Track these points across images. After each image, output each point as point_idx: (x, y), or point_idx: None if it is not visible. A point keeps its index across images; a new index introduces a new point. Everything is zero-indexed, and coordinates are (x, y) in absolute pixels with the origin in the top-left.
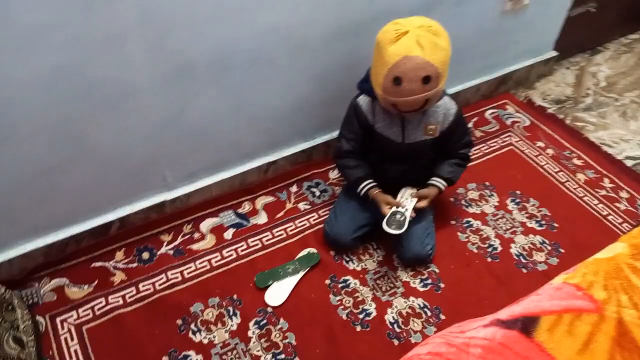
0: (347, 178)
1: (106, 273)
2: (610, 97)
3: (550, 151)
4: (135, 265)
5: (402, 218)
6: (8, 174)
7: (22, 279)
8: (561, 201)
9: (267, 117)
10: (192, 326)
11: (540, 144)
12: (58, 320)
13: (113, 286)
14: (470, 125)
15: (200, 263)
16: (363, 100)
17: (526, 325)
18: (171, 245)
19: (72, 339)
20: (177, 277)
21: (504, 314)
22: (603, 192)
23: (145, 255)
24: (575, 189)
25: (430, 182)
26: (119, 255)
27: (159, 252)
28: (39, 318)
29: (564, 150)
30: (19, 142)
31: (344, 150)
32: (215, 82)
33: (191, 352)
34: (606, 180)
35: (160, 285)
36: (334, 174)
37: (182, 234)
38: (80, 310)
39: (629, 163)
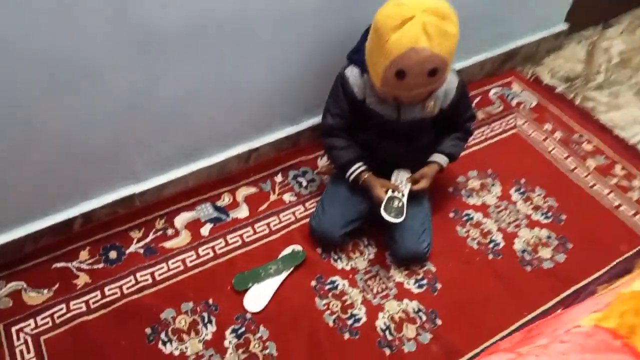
0: (335, 161)
1: (68, 275)
2: (624, 74)
3: (558, 135)
4: (101, 265)
5: (401, 204)
6: None
7: None
8: (569, 190)
9: (248, 98)
10: (162, 335)
11: (547, 126)
12: (14, 329)
13: (76, 290)
14: (472, 105)
15: (173, 263)
16: (351, 72)
17: None
18: (141, 243)
19: (28, 351)
20: (147, 280)
21: None
22: (614, 181)
23: (113, 254)
24: (584, 176)
25: (430, 159)
26: (83, 254)
27: (127, 251)
28: None
29: (573, 133)
30: None
31: (329, 125)
32: (188, 58)
33: None
34: (618, 167)
35: (128, 288)
36: (322, 162)
37: (153, 230)
38: (38, 318)
39: None
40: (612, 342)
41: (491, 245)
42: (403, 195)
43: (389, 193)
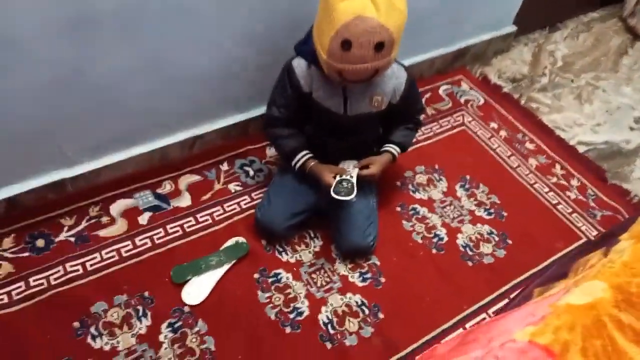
0: (280, 150)
1: None
2: (566, 77)
3: (503, 133)
4: (26, 254)
5: (350, 185)
6: None
7: None
8: (511, 188)
9: (191, 81)
10: (92, 329)
11: (493, 125)
12: None
13: None
14: (422, 100)
15: (107, 253)
16: (298, 64)
17: None
18: (73, 231)
19: None
20: (77, 270)
21: None
22: (554, 180)
23: (40, 242)
24: (526, 175)
25: (382, 148)
26: (7, 242)
27: (57, 239)
28: None
29: (517, 132)
30: None
31: (274, 117)
32: (124, 35)
33: None
34: (558, 166)
35: (56, 279)
36: (271, 152)
37: (87, 218)
38: None
39: (581, 149)
40: None
41: (435, 240)
42: (352, 176)
43: (338, 177)
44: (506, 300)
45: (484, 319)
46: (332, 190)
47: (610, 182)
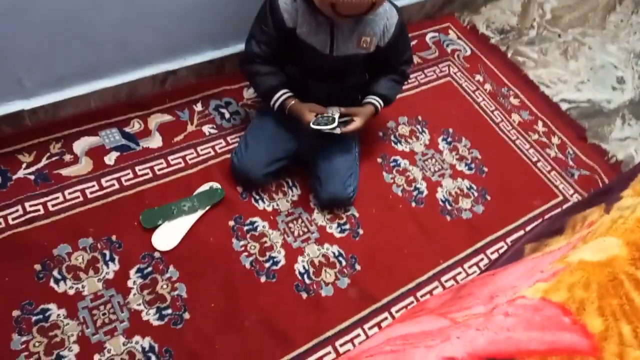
0: (258, 87)
1: None
2: (554, 31)
3: (488, 87)
4: None
5: (332, 119)
6: None
7: None
8: (493, 143)
9: (164, 11)
10: (55, 273)
11: (479, 77)
12: None
13: None
14: None
15: (70, 193)
16: None
17: None
18: (32, 169)
19: None
20: (38, 210)
21: (459, 343)
22: (535, 137)
23: None
24: (508, 130)
25: (365, 100)
26: None
27: (14, 177)
28: None
29: (502, 86)
30: None
31: (253, 53)
32: None
33: (51, 306)
34: (540, 123)
35: (14, 219)
36: (249, 93)
37: (47, 155)
38: None
39: (564, 106)
40: (561, 319)
41: (415, 193)
42: (333, 115)
43: (319, 117)
44: (481, 256)
45: (460, 273)
46: (311, 122)
47: (589, 141)
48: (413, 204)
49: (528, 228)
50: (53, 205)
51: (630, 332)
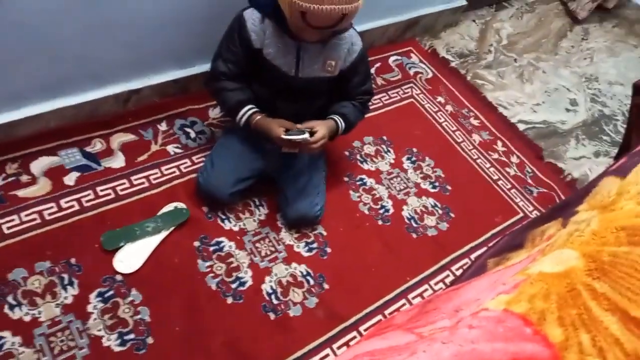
0: (224, 103)
1: None
2: (510, 56)
3: (449, 108)
4: None
5: (300, 131)
6: None
7: None
8: (456, 162)
9: (130, 27)
10: (10, 298)
11: (440, 99)
12: None
13: None
14: (372, 71)
15: (27, 215)
16: (250, 15)
17: None
18: None
19: None
20: None
21: (426, 357)
22: (495, 156)
23: None
24: (470, 150)
25: (328, 117)
26: None
27: None
28: None
29: (462, 108)
30: None
31: (219, 72)
32: None
33: (6, 333)
34: (499, 143)
35: None
36: (214, 112)
37: (3, 176)
38: None
39: (521, 127)
40: (523, 330)
41: (381, 211)
42: (303, 130)
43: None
44: (447, 272)
45: (426, 290)
46: (283, 133)
47: (546, 160)
48: (380, 222)
49: (490, 244)
50: (8, 228)
51: (589, 341)
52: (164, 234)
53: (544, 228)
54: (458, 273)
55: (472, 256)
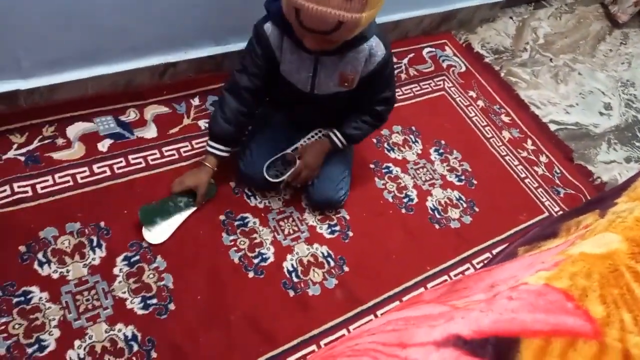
0: (211, 120)
1: None
2: (546, 56)
3: (480, 103)
4: None
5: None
6: None
7: None
8: (484, 157)
9: (166, 1)
10: (40, 255)
11: (472, 93)
12: None
13: None
14: (405, 61)
15: (61, 177)
16: (271, 31)
17: (500, 352)
18: (23, 150)
19: None
20: (26, 192)
21: (464, 322)
22: (524, 154)
23: None
24: (499, 146)
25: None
26: None
27: (4, 157)
28: None
29: (494, 104)
30: None
31: (241, 86)
32: None
33: (34, 288)
34: (529, 141)
35: (1, 199)
36: None
37: (40, 137)
38: None
39: (552, 127)
40: (564, 304)
41: (405, 200)
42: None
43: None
44: (467, 265)
45: (445, 280)
46: (265, 168)
47: (576, 162)
48: (403, 211)
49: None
50: (42, 188)
51: (632, 320)
52: (193, 209)
53: (580, 219)
54: (479, 267)
55: (494, 251)
